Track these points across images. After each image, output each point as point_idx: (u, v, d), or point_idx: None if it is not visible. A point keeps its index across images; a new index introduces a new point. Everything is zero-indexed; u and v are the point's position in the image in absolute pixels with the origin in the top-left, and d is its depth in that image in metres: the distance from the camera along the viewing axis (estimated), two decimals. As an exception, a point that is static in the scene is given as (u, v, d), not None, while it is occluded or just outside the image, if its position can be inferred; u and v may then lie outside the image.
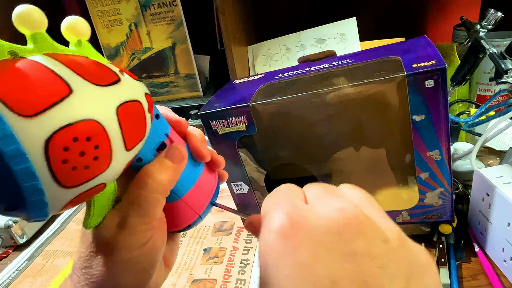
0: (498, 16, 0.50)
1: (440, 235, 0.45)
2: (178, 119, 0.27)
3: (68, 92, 0.16)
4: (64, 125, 0.15)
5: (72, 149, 0.16)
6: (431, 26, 0.87)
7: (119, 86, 0.19)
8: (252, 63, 0.80)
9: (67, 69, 0.17)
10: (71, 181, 0.16)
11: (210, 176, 0.28)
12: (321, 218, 0.16)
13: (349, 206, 0.16)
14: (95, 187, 0.18)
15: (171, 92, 0.86)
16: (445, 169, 0.37)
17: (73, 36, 0.19)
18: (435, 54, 0.35)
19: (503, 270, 0.42)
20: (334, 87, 0.37)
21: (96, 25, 0.81)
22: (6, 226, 0.59)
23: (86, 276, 0.23)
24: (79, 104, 0.16)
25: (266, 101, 0.39)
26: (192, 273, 0.50)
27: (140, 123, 0.20)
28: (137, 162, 0.23)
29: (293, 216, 0.17)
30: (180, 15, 0.77)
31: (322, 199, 0.18)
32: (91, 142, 0.16)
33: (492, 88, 0.69)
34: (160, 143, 0.24)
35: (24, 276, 0.55)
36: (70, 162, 0.16)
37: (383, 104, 0.37)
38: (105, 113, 0.17)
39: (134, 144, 0.19)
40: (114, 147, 0.18)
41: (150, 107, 0.22)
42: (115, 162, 0.18)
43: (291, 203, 0.18)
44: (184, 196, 0.25)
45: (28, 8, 0.16)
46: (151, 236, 0.23)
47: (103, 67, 0.19)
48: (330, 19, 0.75)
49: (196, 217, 0.27)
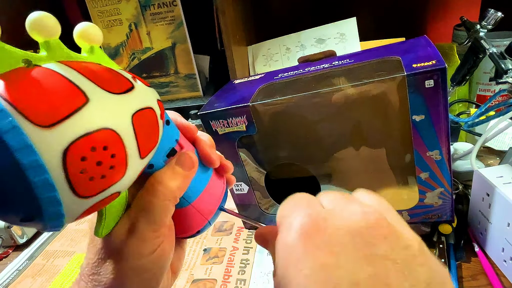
0: (498, 16, 0.50)
1: (440, 235, 0.45)
2: (187, 124, 0.26)
3: (85, 101, 0.16)
4: (82, 135, 0.15)
5: (89, 159, 0.15)
6: (431, 26, 0.87)
7: (133, 93, 0.19)
8: (252, 63, 0.80)
9: (82, 77, 0.16)
10: (88, 191, 0.16)
11: (219, 181, 0.28)
12: (344, 220, 0.16)
13: (371, 211, 0.16)
14: (110, 196, 0.18)
15: (171, 92, 0.86)
16: (445, 169, 0.37)
17: (85, 42, 0.19)
18: (435, 54, 0.35)
19: (503, 270, 0.42)
20: (334, 87, 0.37)
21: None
22: (6, 226, 0.59)
23: (94, 283, 0.23)
24: (95, 113, 0.16)
25: (266, 101, 0.39)
26: (192, 273, 0.50)
27: (153, 130, 0.20)
28: (148, 169, 0.23)
29: (315, 217, 0.16)
30: (180, 15, 0.77)
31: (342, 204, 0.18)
32: (108, 151, 0.16)
33: (492, 88, 0.69)
34: (171, 149, 0.24)
35: (24, 276, 0.55)
36: (87, 172, 0.15)
37: (383, 104, 0.37)
38: (121, 122, 0.17)
39: (148, 152, 0.19)
40: (129, 155, 0.17)
41: (162, 114, 0.21)
42: (130, 170, 0.18)
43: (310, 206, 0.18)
44: (194, 202, 0.25)
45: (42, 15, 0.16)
46: (160, 243, 0.23)
47: (117, 74, 0.19)
48: (330, 19, 0.75)
49: (205, 223, 0.27)
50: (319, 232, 0.16)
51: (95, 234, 0.21)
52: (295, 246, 0.16)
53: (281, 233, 0.17)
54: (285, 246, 0.17)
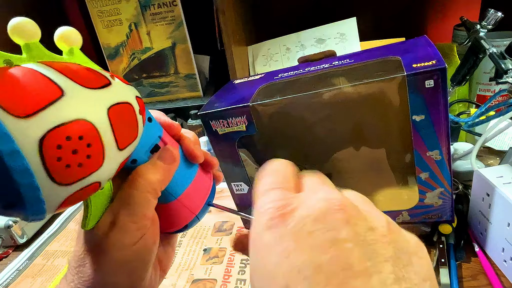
0: (498, 16, 0.50)
1: (440, 235, 0.45)
2: (171, 122, 0.27)
3: (61, 94, 0.17)
4: (57, 125, 0.16)
5: (65, 147, 0.16)
6: (431, 26, 0.87)
7: (109, 89, 0.20)
8: (252, 63, 0.80)
9: (58, 74, 0.18)
10: (65, 179, 0.17)
11: (205, 177, 0.29)
12: (309, 208, 0.17)
13: (336, 197, 0.17)
14: (90, 186, 0.18)
15: (171, 92, 0.86)
16: (445, 169, 0.37)
17: (65, 45, 0.20)
18: (435, 54, 0.35)
19: (503, 270, 0.42)
20: (334, 87, 0.37)
21: (96, 25, 0.81)
22: (6, 226, 0.59)
23: (80, 275, 0.24)
24: (70, 105, 0.17)
25: (266, 101, 0.39)
26: (192, 273, 0.50)
27: (131, 124, 0.21)
28: (131, 164, 0.24)
29: (280, 207, 0.17)
30: (180, 15, 0.77)
31: (311, 190, 0.19)
32: (84, 141, 0.17)
33: (492, 88, 0.69)
34: (154, 145, 0.25)
35: (24, 276, 0.55)
36: (63, 159, 0.16)
37: (383, 104, 0.37)
38: (96, 114, 0.18)
39: (127, 144, 0.20)
40: (106, 146, 0.18)
41: (142, 110, 0.22)
42: (108, 160, 0.19)
43: (280, 192, 0.18)
44: (180, 196, 0.26)
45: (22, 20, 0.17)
46: (142, 235, 0.23)
47: (94, 72, 0.20)
48: (330, 19, 0.75)
49: (192, 217, 0.27)
50: (285, 222, 0.16)
51: (82, 227, 0.23)
52: (264, 236, 0.17)
53: (252, 221, 0.18)
54: (255, 234, 0.17)
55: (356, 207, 0.17)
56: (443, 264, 0.42)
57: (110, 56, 0.84)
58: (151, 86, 0.87)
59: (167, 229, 0.27)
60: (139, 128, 0.22)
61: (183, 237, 0.57)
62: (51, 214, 0.18)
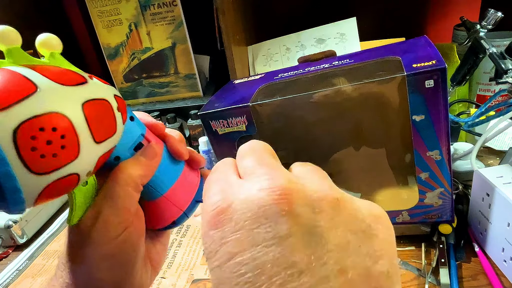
0: (498, 16, 0.50)
1: (440, 235, 0.45)
2: (155, 122, 0.28)
3: (35, 89, 0.18)
4: (31, 117, 0.17)
5: (39, 138, 0.17)
6: (431, 26, 0.87)
7: (85, 86, 0.21)
8: (252, 63, 0.80)
9: (34, 72, 0.19)
10: (41, 168, 0.18)
11: (192, 174, 0.30)
12: (248, 202, 0.16)
13: (277, 184, 0.16)
14: (67, 177, 0.19)
15: (171, 92, 0.86)
16: (445, 169, 0.37)
17: (45, 50, 0.21)
18: (435, 54, 0.35)
19: (503, 270, 0.42)
20: (334, 87, 0.37)
21: (96, 25, 0.81)
22: (6, 226, 0.59)
23: (68, 270, 0.24)
24: (44, 99, 0.18)
25: (266, 101, 0.39)
26: (192, 273, 0.50)
27: (108, 119, 0.22)
28: (114, 161, 0.25)
29: (220, 205, 0.16)
30: (180, 15, 0.77)
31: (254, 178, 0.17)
32: (57, 132, 0.18)
33: (492, 88, 0.69)
34: (137, 143, 0.26)
35: (24, 276, 0.55)
36: (38, 149, 0.17)
37: (383, 104, 0.37)
38: (70, 108, 0.19)
39: (104, 138, 0.21)
40: (81, 138, 0.19)
41: (121, 107, 0.23)
42: (85, 152, 0.20)
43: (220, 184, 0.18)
44: (166, 193, 0.27)
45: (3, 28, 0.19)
46: (124, 228, 0.24)
47: (71, 71, 0.21)
48: (330, 19, 0.75)
49: (180, 214, 0.28)
50: (224, 221, 0.16)
51: (67, 222, 0.23)
52: (207, 238, 0.16)
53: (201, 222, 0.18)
54: (203, 238, 0.17)
55: (301, 190, 0.16)
56: (443, 264, 0.42)
57: (110, 56, 0.84)
58: (151, 86, 0.86)
59: (155, 226, 0.28)
60: (117, 124, 0.23)
61: (183, 237, 0.57)
62: (31, 205, 0.19)
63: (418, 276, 0.43)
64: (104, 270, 0.24)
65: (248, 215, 0.15)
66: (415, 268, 0.44)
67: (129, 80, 0.87)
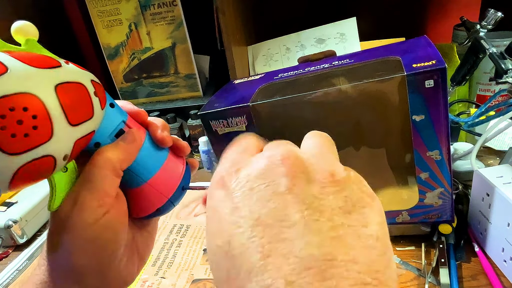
0: (498, 16, 0.50)
1: (440, 235, 0.45)
2: (138, 110, 0.28)
3: (5, 70, 0.18)
4: (0, 96, 0.17)
5: (9, 117, 0.18)
6: (431, 26, 0.87)
7: (59, 69, 0.21)
8: (252, 63, 0.80)
9: (6, 55, 0.19)
10: (12, 148, 0.18)
11: (177, 161, 0.30)
12: (252, 167, 0.18)
13: (278, 152, 0.18)
14: (41, 158, 0.19)
15: (171, 92, 0.86)
16: (445, 169, 0.37)
17: (21, 36, 0.21)
18: (435, 54, 0.35)
19: (503, 270, 0.42)
20: (334, 87, 0.37)
21: (96, 25, 0.81)
22: (6, 226, 0.59)
23: (49, 257, 0.24)
24: (14, 80, 0.18)
25: (266, 101, 0.39)
26: (192, 273, 0.50)
27: (84, 102, 0.22)
28: (94, 147, 0.25)
29: (229, 168, 0.19)
30: (180, 15, 0.77)
31: (265, 149, 0.20)
32: (28, 112, 0.18)
33: (492, 88, 0.69)
34: (119, 130, 0.26)
35: (24, 276, 0.55)
36: (8, 128, 0.18)
37: (383, 104, 0.37)
38: (42, 89, 0.19)
39: (80, 121, 0.21)
40: (54, 119, 0.19)
41: (98, 92, 0.23)
42: (59, 134, 0.20)
43: (234, 155, 0.20)
44: (150, 180, 0.27)
45: None
46: (104, 212, 0.24)
47: (46, 57, 0.21)
48: (330, 19, 0.75)
49: (165, 201, 0.28)
50: (230, 181, 0.18)
51: (48, 209, 0.23)
52: (212, 196, 0.19)
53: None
54: (208, 196, 0.19)
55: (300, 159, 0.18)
56: (443, 264, 0.42)
57: (110, 56, 0.84)
58: (151, 86, 0.87)
59: (140, 213, 0.28)
60: (94, 108, 0.23)
61: (183, 237, 0.57)
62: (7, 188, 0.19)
63: (418, 276, 0.43)
64: (85, 256, 0.23)
65: (251, 176, 0.17)
66: (415, 268, 0.44)
67: (129, 80, 0.87)
